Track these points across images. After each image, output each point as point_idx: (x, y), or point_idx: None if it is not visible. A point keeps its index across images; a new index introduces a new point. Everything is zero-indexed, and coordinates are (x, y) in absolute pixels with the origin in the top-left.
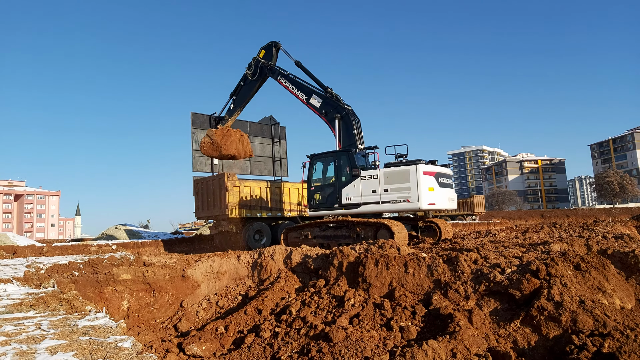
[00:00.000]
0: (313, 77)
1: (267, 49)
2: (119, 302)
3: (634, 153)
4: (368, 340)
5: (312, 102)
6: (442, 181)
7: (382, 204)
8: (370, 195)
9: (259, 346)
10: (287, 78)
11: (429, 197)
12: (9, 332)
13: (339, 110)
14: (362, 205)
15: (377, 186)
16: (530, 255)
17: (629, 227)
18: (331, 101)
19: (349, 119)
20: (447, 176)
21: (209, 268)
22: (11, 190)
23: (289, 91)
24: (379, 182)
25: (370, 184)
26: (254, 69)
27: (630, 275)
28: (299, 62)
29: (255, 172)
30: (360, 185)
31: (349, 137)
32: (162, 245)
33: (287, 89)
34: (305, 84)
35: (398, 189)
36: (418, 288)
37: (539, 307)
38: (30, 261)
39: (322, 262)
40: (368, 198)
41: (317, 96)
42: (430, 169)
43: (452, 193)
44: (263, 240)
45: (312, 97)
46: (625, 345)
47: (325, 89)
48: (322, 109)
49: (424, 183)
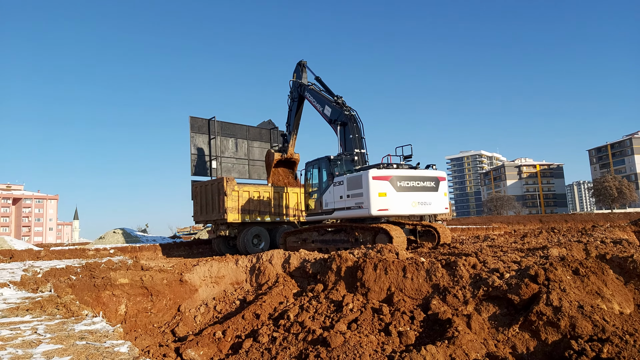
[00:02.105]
0: (328, 88)
1: (296, 70)
2: (116, 306)
3: (632, 158)
4: (366, 345)
5: (325, 112)
6: (403, 185)
7: (346, 210)
8: (339, 201)
9: (256, 351)
10: (311, 92)
11: (379, 203)
12: (4, 337)
13: (343, 117)
14: (335, 212)
15: (343, 192)
16: (529, 260)
17: (627, 232)
18: (339, 109)
19: (350, 125)
20: (417, 179)
21: (207, 272)
22: (9, 194)
23: (311, 104)
24: (344, 188)
25: (339, 190)
26: (292, 93)
27: (629, 280)
28: (318, 78)
29: (254, 177)
30: (333, 191)
31: (348, 142)
32: (160, 250)
33: (310, 102)
34: (323, 95)
35: (355, 194)
36: (417, 293)
37: (538, 312)
38: (27, 265)
39: (321, 267)
40: (338, 204)
41: (329, 106)
42: (382, 174)
43: (428, 197)
44: (261, 244)
45: (325, 108)
46: (624, 351)
47: (335, 97)
48: (331, 117)
49: (374, 188)
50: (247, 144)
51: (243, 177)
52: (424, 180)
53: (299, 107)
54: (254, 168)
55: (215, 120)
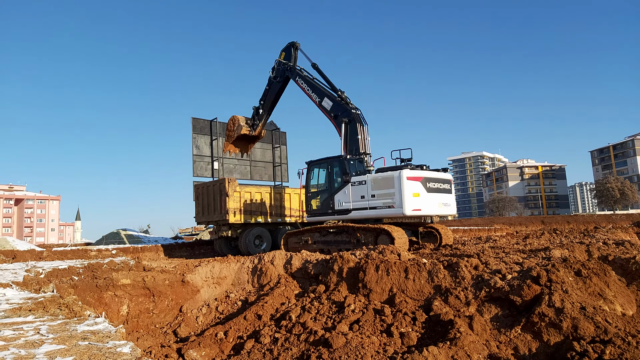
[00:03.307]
0: (327, 79)
1: (287, 50)
2: (118, 307)
3: (634, 159)
4: (368, 346)
5: (324, 105)
6: (431, 186)
7: (370, 210)
8: (359, 201)
9: (258, 352)
10: (304, 79)
11: (414, 203)
12: (7, 337)
13: (348, 114)
14: (352, 211)
15: (366, 192)
16: (531, 261)
17: (629, 234)
18: (341, 105)
19: (355, 124)
20: (439, 181)
21: (209, 273)
22: (11, 195)
23: (304, 92)
24: (367, 187)
25: (359, 189)
26: (276, 72)
27: (631, 281)
28: (315, 65)
29: (256, 177)
30: (350, 191)
31: (354, 142)
32: (162, 250)
33: (302, 89)
34: (320, 86)
35: (384, 194)
36: (418, 294)
37: (540, 313)
38: (29, 266)
39: (322, 268)
40: (357, 204)
41: (329, 99)
42: (415, 174)
43: (447, 198)
44: (263, 245)
45: (324, 100)
46: (627, 352)
47: (336, 91)
48: (332, 112)
49: (408, 188)
50: None
51: (245, 178)
52: (444, 182)
53: (281, 89)
54: (255, 169)
55: (217, 121)
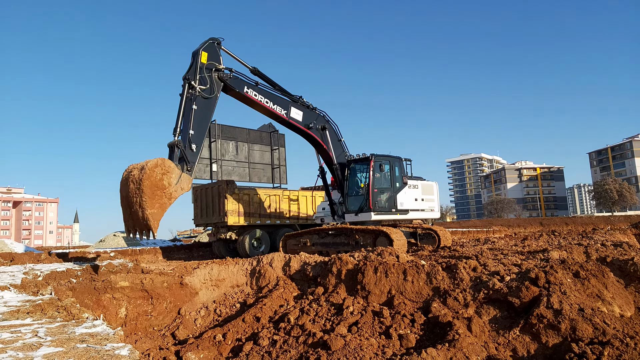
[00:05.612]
0: (276, 85)
1: (209, 49)
2: (116, 309)
3: (632, 161)
4: (367, 348)
5: (293, 117)
6: None
7: (419, 212)
8: (415, 203)
9: (257, 354)
10: (257, 89)
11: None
12: (5, 340)
13: (321, 120)
14: (410, 212)
15: (418, 195)
16: (529, 263)
17: (627, 235)
18: (312, 112)
19: (332, 128)
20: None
21: (207, 275)
22: (9, 197)
23: (263, 106)
24: (419, 192)
25: (413, 192)
26: (208, 82)
27: (629, 283)
28: (256, 69)
29: (254, 180)
30: (407, 193)
31: (338, 146)
32: (160, 253)
33: (259, 103)
34: (277, 94)
35: (428, 199)
36: (417, 296)
37: (539, 315)
38: (27, 268)
39: (321, 270)
40: (414, 205)
41: (297, 108)
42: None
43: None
44: (262, 247)
45: (291, 111)
46: (625, 354)
47: (298, 98)
48: (305, 123)
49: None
50: (247, 147)
51: (243, 180)
52: None
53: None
54: (254, 171)
55: (216, 123)
